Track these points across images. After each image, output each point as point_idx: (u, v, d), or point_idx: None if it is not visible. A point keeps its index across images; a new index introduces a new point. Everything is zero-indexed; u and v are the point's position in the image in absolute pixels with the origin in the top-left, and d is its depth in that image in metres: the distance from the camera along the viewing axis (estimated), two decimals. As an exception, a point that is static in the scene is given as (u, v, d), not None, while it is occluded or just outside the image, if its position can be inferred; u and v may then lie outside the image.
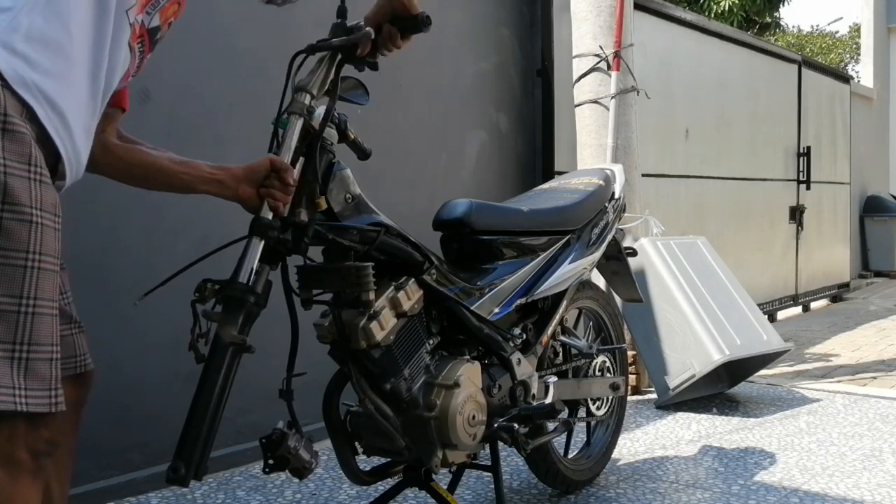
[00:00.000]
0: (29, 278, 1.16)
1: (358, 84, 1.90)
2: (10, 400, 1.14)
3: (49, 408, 1.19)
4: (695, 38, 5.41)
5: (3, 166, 1.14)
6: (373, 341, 1.83)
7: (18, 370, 1.15)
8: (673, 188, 5.16)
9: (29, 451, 1.20)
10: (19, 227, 1.15)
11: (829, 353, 5.02)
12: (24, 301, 1.16)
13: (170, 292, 1.69)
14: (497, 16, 4.04)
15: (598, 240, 2.54)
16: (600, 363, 2.64)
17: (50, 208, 1.20)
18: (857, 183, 8.60)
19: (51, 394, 1.19)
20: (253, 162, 1.71)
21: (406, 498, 2.49)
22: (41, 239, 1.17)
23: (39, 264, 1.17)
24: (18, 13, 1.18)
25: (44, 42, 1.20)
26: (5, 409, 1.14)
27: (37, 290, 1.17)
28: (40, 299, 1.17)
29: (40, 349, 1.18)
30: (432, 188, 3.64)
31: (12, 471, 1.19)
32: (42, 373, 1.18)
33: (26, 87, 1.18)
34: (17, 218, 1.15)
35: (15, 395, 1.15)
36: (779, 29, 17.10)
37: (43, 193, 1.18)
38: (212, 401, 1.54)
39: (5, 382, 1.14)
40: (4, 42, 1.16)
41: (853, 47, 26.40)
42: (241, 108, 2.85)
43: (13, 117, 1.16)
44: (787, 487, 2.64)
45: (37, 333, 1.17)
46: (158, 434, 2.58)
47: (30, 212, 1.16)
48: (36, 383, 1.17)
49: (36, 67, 1.19)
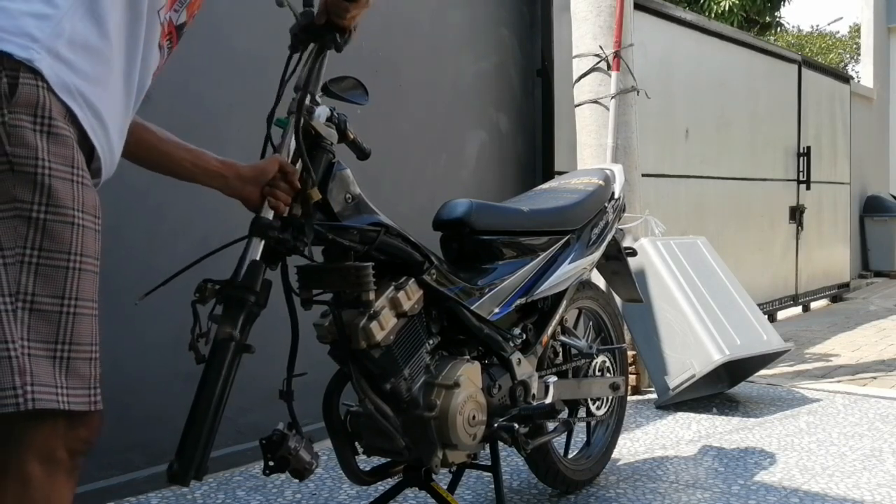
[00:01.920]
0: (71, 279, 1.18)
1: (357, 84, 1.91)
2: (53, 398, 1.16)
3: (89, 406, 1.20)
4: (695, 38, 5.41)
5: (49, 168, 1.15)
6: (373, 341, 1.83)
7: (60, 369, 1.17)
8: (673, 188, 5.16)
9: (67, 451, 1.21)
10: (62, 229, 1.17)
11: (829, 353, 5.02)
12: (66, 301, 1.18)
13: (170, 292, 1.69)
14: (497, 16, 4.04)
15: (598, 240, 2.54)
16: (600, 363, 2.64)
17: (91, 210, 1.21)
18: (857, 183, 8.60)
19: (90, 393, 1.21)
20: (260, 162, 1.71)
21: (406, 498, 2.49)
22: (82, 240, 1.19)
23: (80, 265, 1.19)
24: (62, 20, 1.19)
25: (85, 47, 1.22)
26: (49, 407, 1.15)
27: (78, 290, 1.19)
28: (81, 300, 1.19)
29: (80, 349, 1.19)
30: (432, 188, 3.64)
31: (51, 469, 1.20)
32: (82, 372, 1.20)
33: (69, 93, 1.19)
34: (60, 220, 1.17)
35: (58, 393, 1.16)
36: (780, 29, 17.08)
37: (85, 195, 1.20)
38: (212, 401, 1.54)
39: (48, 381, 1.15)
40: (49, 48, 1.17)
41: (853, 47, 26.40)
42: (241, 109, 2.85)
43: (57, 120, 1.18)
44: (787, 487, 2.64)
45: (77, 333, 1.19)
46: (158, 434, 2.58)
47: (72, 213, 1.18)
48: (76, 382, 1.19)
49: (78, 72, 1.21)
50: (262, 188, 1.69)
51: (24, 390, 1.13)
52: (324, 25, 1.73)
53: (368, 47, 3.36)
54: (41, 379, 1.15)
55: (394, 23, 3.49)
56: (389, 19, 3.46)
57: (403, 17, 3.54)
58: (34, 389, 1.14)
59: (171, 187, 2.71)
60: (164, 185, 2.68)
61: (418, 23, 3.62)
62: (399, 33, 3.52)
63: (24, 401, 1.14)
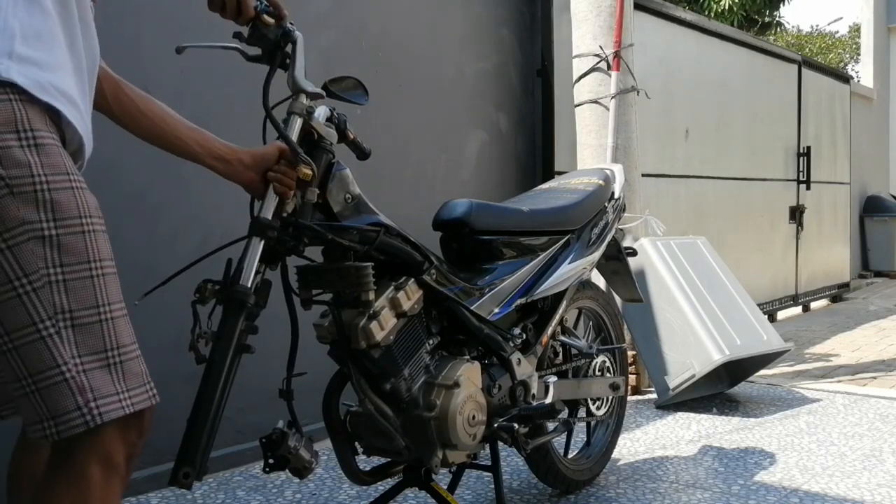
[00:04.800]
0: (99, 286, 1.18)
1: (357, 84, 1.91)
2: (118, 406, 1.17)
3: (150, 400, 1.22)
4: (695, 38, 5.41)
5: (47, 183, 1.14)
6: (373, 341, 1.83)
7: (117, 375, 1.18)
8: (673, 188, 5.16)
9: (125, 455, 1.22)
10: (76, 240, 1.17)
11: (829, 353, 5.02)
12: (102, 309, 1.18)
13: (170, 292, 1.70)
14: (497, 16, 4.04)
15: (598, 240, 2.54)
16: (600, 363, 2.64)
17: (95, 212, 1.21)
18: (857, 183, 8.60)
19: (147, 388, 1.23)
20: (261, 149, 1.71)
21: (406, 498, 2.49)
22: (97, 245, 1.19)
23: (102, 270, 1.19)
24: (7, 17, 1.15)
25: (38, 36, 1.18)
26: (118, 415, 1.17)
27: (108, 295, 1.19)
28: (112, 303, 1.20)
29: (128, 349, 1.21)
30: (432, 188, 3.65)
31: (110, 473, 1.20)
32: (136, 370, 1.21)
33: (45, 91, 1.17)
34: (72, 231, 1.16)
35: (121, 399, 1.18)
36: (780, 28, 17.08)
37: (86, 199, 1.20)
38: (213, 401, 1.55)
39: (109, 391, 1.16)
40: (9, 53, 1.14)
41: (853, 47, 26.39)
42: (241, 109, 2.85)
43: (40, 130, 1.16)
44: (787, 487, 2.64)
45: (120, 336, 1.20)
46: (158, 434, 2.57)
47: (80, 222, 1.18)
48: (134, 381, 1.20)
49: (43, 66, 1.17)
50: (263, 174, 1.69)
51: (88, 408, 1.15)
52: None
53: (368, 47, 3.36)
54: (102, 391, 1.16)
55: (394, 23, 3.49)
56: (389, 19, 3.46)
57: (403, 17, 3.54)
58: (98, 404, 1.15)
59: (171, 187, 2.73)
60: (163, 185, 2.70)
61: (418, 23, 3.62)
62: (399, 33, 3.52)
63: (92, 417, 1.15)
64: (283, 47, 1.74)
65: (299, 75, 1.75)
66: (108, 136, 1.78)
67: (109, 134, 1.68)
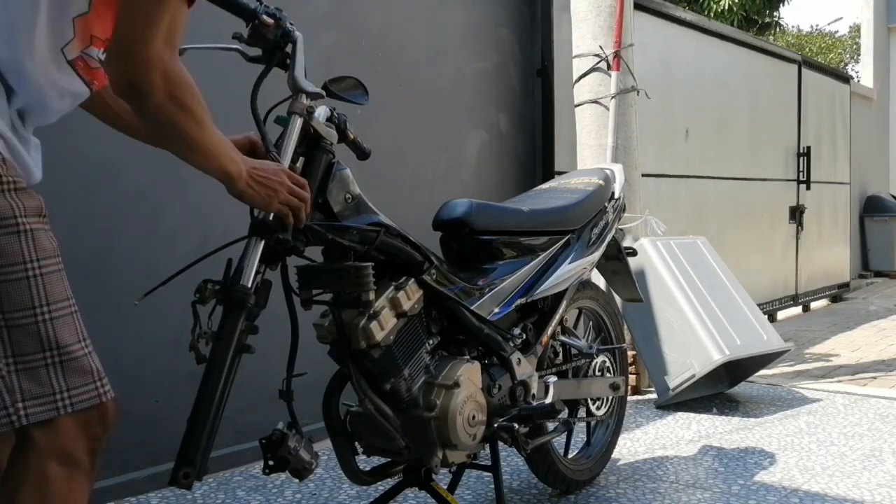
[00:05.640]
0: (35, 287, 1.17)
1: (357, 84, 1.91)
2: (50, 407, 1.16)
3: (99, 398, 1.21)
4: (695, 38, 5.41)
5: None
6: (373, 341, 1.83)
7: (56, 374, 1.17)
8: (673, 188, 5.16)
9: (87, 451, 1.21)
10: (8, 241, 1.15)
11: (829, 353, 5.02)
12: (38, 310, 1.17)
13: (170, 292, 1.69)
14: (497, 16, 4.04)
15: (598, 240, 2.54)
16: (600, 363, 2.64)
17: (34, 212, 1.20)
18: (857, 183, 8.60)
19: (97, 385, 1.21)
20: (232, 137, 1.63)
21: (406, 498, 2.49)
22: (34, 244, 1.18)
23: (40, 270, 1.18)
24: None
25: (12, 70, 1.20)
26: (45, 417, 1.16)
27: (46, 295, 1.18)
28: (53, 303, 1.18)
29: (70, 349, 1.19)
30: (432, 188, 3.64)
31: (71, 470, 1.20)
32: (83, 368, 1.20)
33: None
34: (5, 232, 1.15)
35: (56, 399, 1.17)
36: (779, 28, 17.08)
37: (23, 201, 1.18)
38: (213, 401, 1.55)
39: (42, 392, 1.16)
40: None
41: (853, 47, 26.40)
42: (241, 108, 2.84)
43: None
44: (787, 487, 2.64)
45: (61, 336, 1.18)
46: (158, 434, 2.58)
47: (14, 222, 1.16)
48: (79, 380, 1.19)
49: None
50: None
51: (15, 408, 1.14)
52: None
53: (368, 47, 3.36)
54: (33, 392, 1.15)
55: (394, 23, 3.49)
56: (389, 19, 3.46)
57: (403, 17, 3.54)
58: (27, 405, 1.15)
59: (170, 187, 2.72)
60: (163, 185, 2.70)
61: (418, 23, 3.62)
62: (399, 33, 3.51)
63: (17, 418, 1.14)
64: (282, 47, 1.74)
65: (299, 75, 1.75)
66: (108, 137, 1.77)
67: (109, 134, 1.67)
